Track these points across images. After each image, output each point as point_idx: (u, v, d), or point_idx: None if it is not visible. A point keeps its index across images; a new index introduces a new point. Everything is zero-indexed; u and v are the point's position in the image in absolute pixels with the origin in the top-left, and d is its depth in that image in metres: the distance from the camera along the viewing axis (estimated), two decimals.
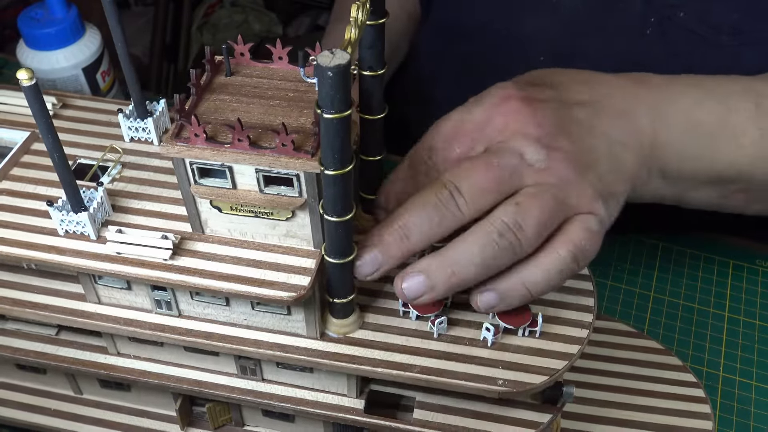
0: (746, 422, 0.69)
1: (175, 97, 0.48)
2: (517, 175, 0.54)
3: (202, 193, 0.51)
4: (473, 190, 0.53)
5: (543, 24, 0.86)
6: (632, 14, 0.80)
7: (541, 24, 0.86)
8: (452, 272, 0.52)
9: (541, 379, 0.53)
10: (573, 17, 0.84)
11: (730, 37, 0.77)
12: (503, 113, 0.57)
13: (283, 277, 0.52)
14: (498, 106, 0.58)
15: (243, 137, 0.47)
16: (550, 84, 0.61)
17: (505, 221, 0.52)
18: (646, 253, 0.82)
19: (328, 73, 0.40)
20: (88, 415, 0.67)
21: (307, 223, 0.52)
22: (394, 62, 1.00)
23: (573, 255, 0.53)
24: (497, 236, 0.52)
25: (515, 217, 0.52)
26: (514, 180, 0.54)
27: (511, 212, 0.52)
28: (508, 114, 0.57)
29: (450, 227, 0.53)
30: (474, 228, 0.53)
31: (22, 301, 0.58)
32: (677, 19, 0.78)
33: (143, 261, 0.53)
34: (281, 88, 0.53)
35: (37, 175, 0.59)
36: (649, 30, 0.80)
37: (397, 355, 0.54)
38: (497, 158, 0.54)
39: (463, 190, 0.53)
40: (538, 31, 0.86)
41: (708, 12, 0.77)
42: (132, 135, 0.61)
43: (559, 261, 0.53)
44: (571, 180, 0.55)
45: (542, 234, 0.53)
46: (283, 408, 0.59)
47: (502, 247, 0.52)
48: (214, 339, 0.56)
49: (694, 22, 0.77)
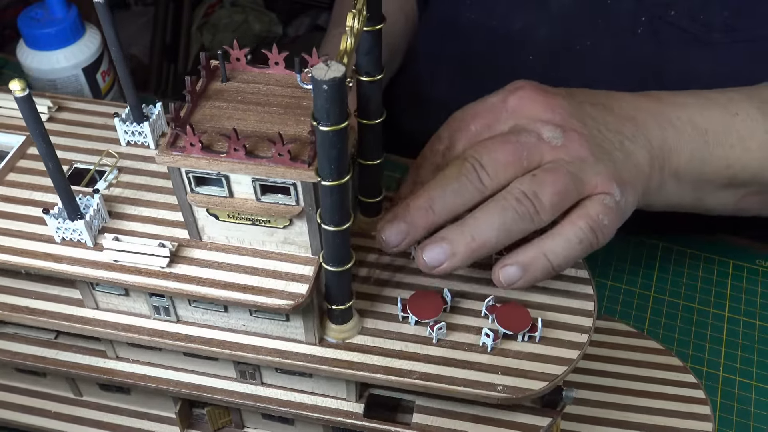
0: (746, 422, 0.69)
1: (170, 105, 0.48)
2: (536, 151, 0.57)
3: (199, 202, 0.51)
4: (495, 164, 0.55)
5: (535, 22, 0.85)
6: (624, 13, 0.80)
7: (533, 22, 0.85)
8: (472, 238, 0.54)
9: (540, 384, 0.53)
10: (565, 16, 0.84)
11: (722, 35, 0.77)
12: (518, 97, 0.60)
13: (281, 284, 0.52)
14: (512, 92, 0.61)
15: (239, 146, 0.47)
16: (563, 89, 0.64)
17: (522, 190, 0.54)
18: (646, 253, 0.82)
19: (323, 86, 0.39)
20: (88, 417, 0.67)
21: (304, 230, 0.51)
22: (394, 65, 1.00)
23: (590, 227, 0.55)
24: (515, 203, 0.54)
25: (532, 186, 0.54)
26: (533, 156, 0.56)
27: (527, 182, 0.55)
28: (523, 98, 0.60)
29: (472, 200, 0.55)
30: (493, 197, 0.55)
31: (20, 306, 0.58)
32: (668, 17, 0.78)
33: (140, 269, 0.52)
34: (278, 95, 0.52)
35: (34, 181, 0.59)
36: (640, 29, 0.80)
37: (396, 361, 0.54)
38: (516, 136, 0.57)
39: (485, 164, 0.55)
40: (531, 30, 0.86)
41: (699, 10, 0.77)
42: (128, 139, 0.61)
43: (578, 231, 0.55)
44: (586, 159, 0.57)
45: (558, 205, 0.55)
46: (283, 412, 0.59)
47: (521, 214, 0.54)
48: (212, 345, 0.56)
49: (686, 20, 0.77)
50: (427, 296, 0.56)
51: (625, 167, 0.60)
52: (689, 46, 0.78)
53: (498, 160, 0.56)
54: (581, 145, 0.58)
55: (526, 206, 0.54)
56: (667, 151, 0.64)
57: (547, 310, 0.57)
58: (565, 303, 0.57)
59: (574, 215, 0.56)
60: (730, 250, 0.82)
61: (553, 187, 0.55)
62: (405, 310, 0.56)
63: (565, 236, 0.55)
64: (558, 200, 0.55)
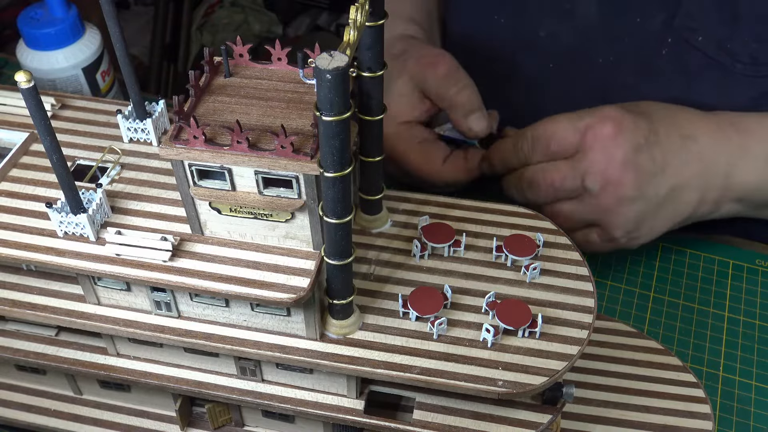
0: (746, 422, 0.69)
1: (174, 98, 0.48)
2: (574, 190, 0.72)
3: (202, 195, 0.51)
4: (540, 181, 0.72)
5: (560, 31, 0.86)
6: (651, 32, 0.81)
7: (558, 31, 0.86)
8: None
9: (540, 380, 0.53)
10: (590, 27, 0.84)
11: (746, 66, 0.77)
12: (594, 136, 0.70)
13: (282, 278, 0.52)
14: (593, 126, 0.70)
15: (242, 139, 0.47)
16: (649, 114, 0.72)
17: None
18: (646, 253, 0.82)
19: (327, 75, 0.40)
20: (88, 415, 0.67)
21: (306, 224, 0.52)
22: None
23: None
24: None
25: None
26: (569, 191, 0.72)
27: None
28: (597, 135, 0.70)
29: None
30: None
31: (21, 302, 0.58)
32: (695, 42, 0.79)
33: (142, 263, 0.53)
34: (280, 90, 0.53)
35: (36, 177, 0.59)
36: (665, 50, 0.81)
37: (397, 356, 0.54)
38: (568, 171, 0.71)
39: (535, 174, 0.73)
40: (555, 38, 0.86)
41: (727, 39, 0.77)
42: (131, 136, 0.61)
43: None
44: (609, 210, 0.71)
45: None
46: (283, 409, 0.59)
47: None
48: (213, 340, 0.56)
49: (712, 48, 0.78)
50: (428, 292, 0.57)
51: (653, 217, 0.72)
52: (712, 73, 0.79)
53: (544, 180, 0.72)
54: (612, 201, 0.70)
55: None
56: (733, 185, 0.73)
57: (548, 307, 0.57)
58: (566, 299, 0.57)
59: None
60: (730, 250, 0.82)
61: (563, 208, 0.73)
62: (406, 306, 0.56)
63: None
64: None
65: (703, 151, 0.72)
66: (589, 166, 0.70)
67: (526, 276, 0.58)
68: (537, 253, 0.59)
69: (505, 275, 0.59)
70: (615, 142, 0.69)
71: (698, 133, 0.73)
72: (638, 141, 0.70)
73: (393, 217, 0.62)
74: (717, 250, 0.82)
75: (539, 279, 0.58)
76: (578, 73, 0.86)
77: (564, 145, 0.71)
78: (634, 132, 0.70)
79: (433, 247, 0.59)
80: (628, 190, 0.70)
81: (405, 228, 0.62)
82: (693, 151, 0.72)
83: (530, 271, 0.58)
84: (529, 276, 0.58)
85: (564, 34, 0.86)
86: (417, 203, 0.64)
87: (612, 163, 0.69)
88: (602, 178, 0.69)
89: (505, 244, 0.59)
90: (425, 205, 0.63)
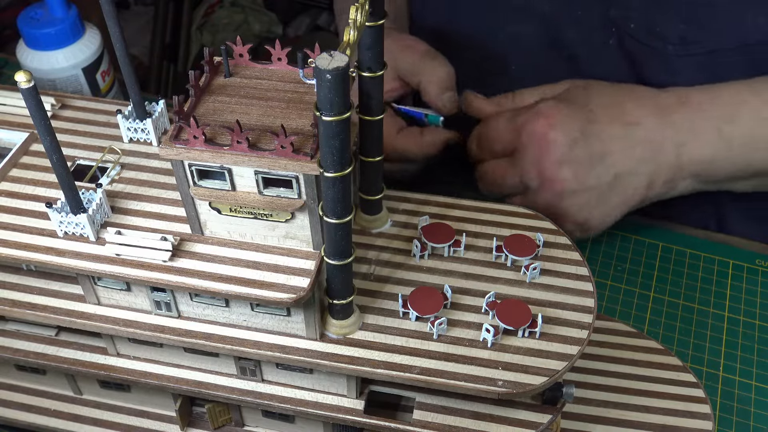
0: (746, 422, 0.69)
1: (174, 98, 0.48)
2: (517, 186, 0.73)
3: (202, 195, 0.51)
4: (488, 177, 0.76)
5: (519, 31, 0.87)
6: (595, 25, 0.83)
7: (517, 32, 0.87)
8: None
9: (540, 380, 0.53)
10: (545, 26, 0.85)
11: (676, 47, 0.79)
12: (529, 130, 0.71)
13: (282, 278, 0.52)
14: (528, 123, 0.71)
15: (242, 139, 0.47)
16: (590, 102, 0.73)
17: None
18: (646, 253, 0.82)
19: (327, 75, 0.40)
20: (88, 415, 0.67)
21: (306, 224, 0.52)
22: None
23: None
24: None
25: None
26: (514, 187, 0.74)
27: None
28: (530, 132, 0.71)
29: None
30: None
31: (21, 302, 0.58)
32: (629, 30, 0.81)
33: (142, 262, 0.53)
34: (280, 90, 0.53)
35: (36, 177, 0.59)
36: (611, 40, 0.82)
37: (397, 356, 0.54)
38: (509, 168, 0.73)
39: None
40: (515, 39, 0.87)
41: (654, 23, 0.79)
42: (131, 136, 0.61)
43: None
44: (552, 205, 0.72)
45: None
46: (283, 409, 0.59)
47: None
48: (213, 340, 0.56)
49: (643, 33, 0.80)
50: (428, 292, 0.57)
51: (598, 209, 0.73)
52: (648, 57, 0.81)
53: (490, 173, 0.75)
54: (551, 196, 0.71)
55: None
56: (684, 164, 0.73)
57: (548, 307, 0.57)
58: (566, 299, 0.57)
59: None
60: (730, 250, 0.82)
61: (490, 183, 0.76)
62: (406, 306, 0.56)
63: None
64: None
65: (648, 135, 0.72)
66: (526, 164, 0.71)
67: (526, 276, 0.58)
68: (537, 253, 0.59)
69: (505, 275, 0.59)
70: (548, 138, 0.70)
71: (643, 117, 0.73)
72: (573, 134, 0.70)
73: (393, 217, 0.62)
74: (717, 250, 0.82)
75: (539, 279, 0.58)
76: (541, 67, 0.86)
77: (504, 143, 0.74)
78: (569, 125, 0.71)
79: (433, 247, 0.60)
80: (566, 184, 0.71)
81: (405, 228, 0.62)
82: (637, 137, 0.72)
83: (530, 271, 0.58)
84: (529, 276, 0.58)
85: (524, 29, 0.87)
86: (417, 203, 0.64)
87: (547, 159, 0.70)
88: (539, 175, 0.71)
89: (505, 244, 0.59)
90: (425, 205, 0.63)
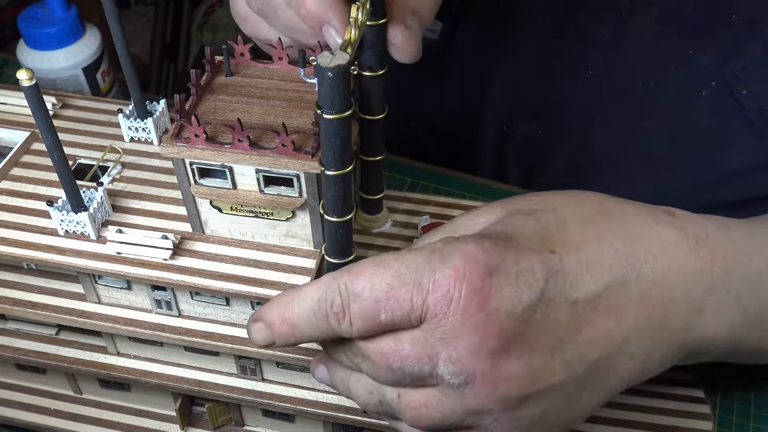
0: (746, 422, 0.69)
1: (176, 97, 0.48)
2: (425, 377, 0.44)
3: (202, 194, 0.51)
4: (372, 358, 0.45)
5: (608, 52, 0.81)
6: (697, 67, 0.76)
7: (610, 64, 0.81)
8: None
9: None
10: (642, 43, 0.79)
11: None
12: (446, 295, 0.42)
13: (283, 276, 0.52)
14: (444, 283, 0.42)
15: (243, 137, 0.47)
16: (548, 240, 0.45)
17: (382, 398, 0.47)
18: None
19: (328, 73, 0.40)
20: (88, 414, 0.67)
21: (307, 223, 0.52)
22: None
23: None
24: (366, 394, 0.48)
25: (392, 403, 0.46)
26: (418, 378, 0.44)
27: (389, 396, 0.46)
28: (448, 298, 0.42)
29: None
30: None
31: (22, 300, 0.58)
32: (737, 94, 0.72)
33: (143, 261, 0.53)
34: (281, 89, 0.53)
35: (37, 175, 0.59)
36: (705, 92, 0.74)
37: None
38: (412, 349, 0.43)
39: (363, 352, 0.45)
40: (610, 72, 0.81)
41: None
42: (132, 135, 0.61)
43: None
44: (485, 414, 0.44)
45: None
46: (283, 408, 0.59)
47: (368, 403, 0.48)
48: (214, 339, 0.56)
49: (752, 107, 0.71)
50: None
51: (570, 403, 0.46)
52: (744, 133, 0.72)
53: (378, 365, 0.45)
54: (485, 402, 0.43)
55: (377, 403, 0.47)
56: (695, 339, 0.49)
57: None
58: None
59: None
60: None
61: (414, 420, 0.46)
62: None
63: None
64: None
65: (648, 290, 0.46)
66: (442, 348, 0.43)
67: None
68: None
69: None
70: (479, 307, 0.42)
71: (641, 261, 0.46)
72: (523, 299, 0.42)
73: (393, 216, 0.62)
74: None
75: None
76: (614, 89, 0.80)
77: (401, 312, 0.43)
78: (516, 283, 0.42)
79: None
80: (510, 387, 0.43)
81: (405, 228, 0.62)
82: (630, 294, 0.45)
83: None
84: None
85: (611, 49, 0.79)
86: (417, 203, 0.64)
87: (476, 344, 0.42)
88: (463, 369, 0.43)
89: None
90: (425, 205, 0.63)
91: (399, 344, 0.43)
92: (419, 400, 0.45)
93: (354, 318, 0.44)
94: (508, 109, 0.89)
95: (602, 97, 0.82)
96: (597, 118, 0.82)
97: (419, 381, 0.44)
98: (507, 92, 0.87)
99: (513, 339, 0.42)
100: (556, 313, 0.43)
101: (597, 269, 0.45)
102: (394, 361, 0.44)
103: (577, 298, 0.44)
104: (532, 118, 0.86)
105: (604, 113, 0.79)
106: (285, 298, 0.46)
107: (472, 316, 0.42)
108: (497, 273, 0.42)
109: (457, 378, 0.43)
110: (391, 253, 0.45)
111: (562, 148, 0.85)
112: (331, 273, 0.45)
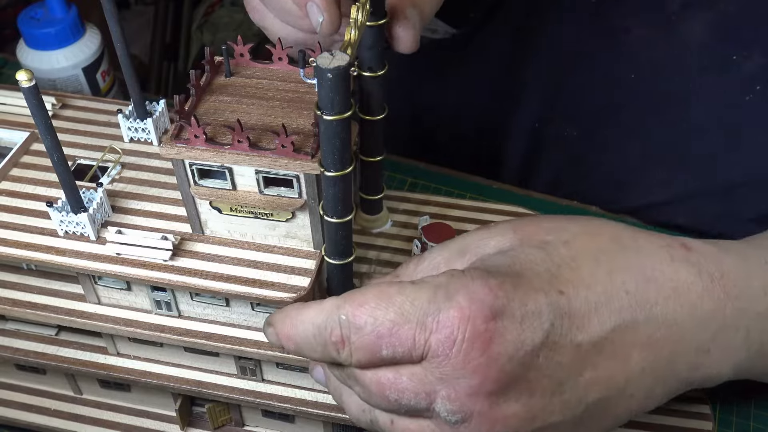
0: (746, 422, 0.69)
1: (175, 97, 0.48)
2: (420, 410, 0.45)
3: (202, 195, 0.51)
4: (368, 385, 0.46)
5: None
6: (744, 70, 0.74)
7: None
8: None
9: None
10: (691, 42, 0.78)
11: None
12: (449, 336, 0.42)
13: (283, 278, 0.52)
14: (449, 323, 0.42)
15: (243, 138, 0.47)
16: (557, 277, 0.44)
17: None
18: None
19: (328, 74, 0.40)
20: (88, 415, 0.67)
21: (306, 224, 0.52)
22: None
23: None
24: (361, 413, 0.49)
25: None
26: (413, 410, 0.45)
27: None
28: (451, 339, 0.42)
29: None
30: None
31: (21, 301, 0.58)
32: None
33: (143, 262, 0.53)
34: (281, 89, 0.53)
35: (37, 176, 0.59)
36: (749, 96, 0.73)
37: None
38: (410, 383, 0.44)
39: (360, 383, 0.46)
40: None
41: None
42: (131, 135, 0.61)
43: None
44: None
45: None
46: (283, 408, 0.59)
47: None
48: (213, 339, 0.56)
49: None
50: None
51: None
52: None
53: (372, 390, 0.45)
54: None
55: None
56: (700, 378, 0.49)
57: None
58: None
59: None
60: None
61: None
62: None
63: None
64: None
65: (657, 331, 0.46)
66: (441, 387, 0.43)
67: None
68: None
69: None
70: (481, 351, 0.42)
71: (659, 296, 0.46)
72: (526, 343, 0.42)
73: (393, 217, 0.62)
74: None
75: None
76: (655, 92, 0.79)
77: (402, 349, 0.43)
78: (520, 327, 0.42)
79: (433, 247, 0.60)
80: (507, 427, 0.44)
81: (405, 228, 0.62)
82: (638, 335, 0.45)
83: None
84: None
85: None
86: (417, 203, 0.64)
87: (476, 386, 0.42)
88: (461, 408, 0.43)
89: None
90: (425, 205, 0.63)
91: (397, 377, 0.44)
92: (413, 429, 0.46)
93: (355, 350, 0.44)
94: (542, 110, 0.88)
95: (645, 100, 0.80)
96: (635, 122, 0.82)
97: (414, 413, 0.45)
98: (542, 92, 0.86)
99: (513, 382, 0.43)
100: (559, 357, 0.43)
101: (605, 311, 0.44)
102: (390, 392, 0.44)
103: (582, 340, 0.44)
104: (568, 120, 0.85)
105: (647, 117, 0.78)
106: (292, 312, 0.47)
107: (473, 360, 0.42)
108: (502, 316, 0.42)
109: (454, 416, 0.43)
110: (394, 282, 0.45)
111: (597, 150, 0.84)
112: (334, 298, 0.45)
